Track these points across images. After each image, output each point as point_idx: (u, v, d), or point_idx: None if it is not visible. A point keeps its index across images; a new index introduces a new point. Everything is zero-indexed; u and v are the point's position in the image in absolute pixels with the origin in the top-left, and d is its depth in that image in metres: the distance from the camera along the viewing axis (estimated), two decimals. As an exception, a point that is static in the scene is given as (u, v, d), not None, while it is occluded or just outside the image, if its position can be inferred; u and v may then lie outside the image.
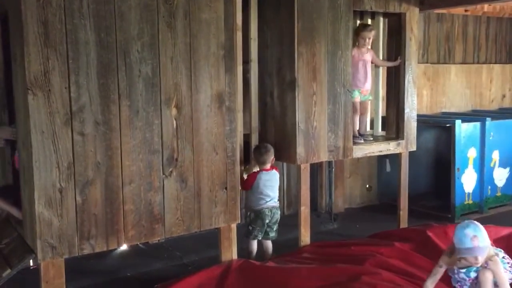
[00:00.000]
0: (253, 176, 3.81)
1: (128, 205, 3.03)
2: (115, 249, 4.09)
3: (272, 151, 3.84)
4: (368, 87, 4.39)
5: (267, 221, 3.81)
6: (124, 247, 4.21)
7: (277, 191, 3.91)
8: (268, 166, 3.84)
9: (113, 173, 2.96)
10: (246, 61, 3.91)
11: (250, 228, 3.84)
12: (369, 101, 4.55)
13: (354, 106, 4.21)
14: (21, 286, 3.45)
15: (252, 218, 3.83)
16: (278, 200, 3.93)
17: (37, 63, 2.68)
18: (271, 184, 3.83)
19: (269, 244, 3.95)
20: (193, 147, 3.25)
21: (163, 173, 3.14)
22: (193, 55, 3.18)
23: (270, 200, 3.82)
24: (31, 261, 3.29)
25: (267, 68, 4.03)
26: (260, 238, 3.89)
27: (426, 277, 2.86)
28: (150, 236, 3.17)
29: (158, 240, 4.38)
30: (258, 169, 3.85)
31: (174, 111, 3.15)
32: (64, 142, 2.80)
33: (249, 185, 3.79)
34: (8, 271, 2.85)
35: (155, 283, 3.28)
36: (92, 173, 2.89)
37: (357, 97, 4.30)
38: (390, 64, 4.53)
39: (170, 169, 3.17)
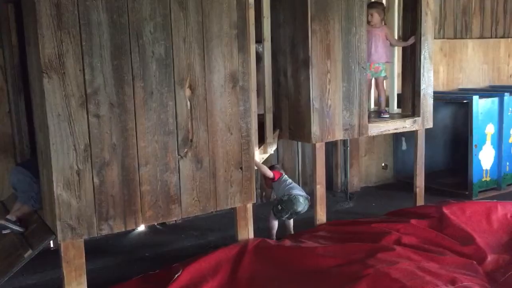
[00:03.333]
0: (279, 173, 4.00)
1: (145, 186, 3.06)
2: (133, 229, 4.15)
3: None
4: (376, 61, 4.32)
5: (299, 209, 3.83)
6: (141, 227, 4.27)
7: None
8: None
9: (129, 155, 2.98)
10: (259, 40, 3.88)
11: (280, 207, 3.86)
12: (382, 77, 4.48)
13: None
14: (42, 266, 3.52)
15: (285, 200, 3.83)
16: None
17: (51, 46, 2.69)
18: (290, 180, 4.00)
19: (291, 222, 4.02)
20: (208, 128, 3.25)
21: (179, 154, 3.16)
22: (205, 35, 3.16)
23: (299, 190, 3.92)
24: (51, 242, 3.35)
25: (280, 47, 3.99)
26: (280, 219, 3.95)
27: None
28: (167, 216, 3.20)
29: (175, 220, 4.44)
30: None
31: (188, 91, 3.14)
32: (80, 124, 2.82)
33: (277, 176, 3.94)
34: (30, 251, 2.91)
35: (172, 263, 3.32)
36: (108, 154, 2.92)
37: (367, 74, 4.25)
38: (404, 44, 4.47)
39: (185, 150, 3.18)
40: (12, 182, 3.41)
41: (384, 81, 4.56)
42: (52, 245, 3.61)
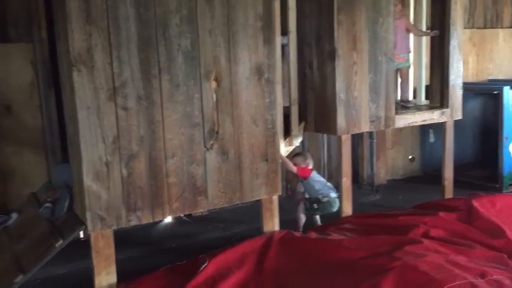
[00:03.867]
0: (309, 170, 3.97)
1: (172, 177, 3.09)
2: (160, 221, 4.21)
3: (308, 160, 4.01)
4: (402, 54, 4.27)
5: (334, 210, 3.92)
6: (168, 219, 4.32)
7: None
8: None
9: (156, 147, 3.02)
10: (284, 32, 3.86)
11: (316, 207, 3.92)
12: (407, 68, 4.43)
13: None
14: (73, 256, 3.60)
15: (324, 202, 3.90)
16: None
17: (80, 40, 2.74)
18: (322, 179, 4.03)
19: (318, 217, 4.05)
20: (233, 120, 3.27)
21: (205, 146, 3.18)
22: (231, 27, 3.16)
23: (332, 192, 3.94)
24: (81, 232, 3.42)
25: (306, 39, 3.97)
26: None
27: None
28: (194, 208, 3.24)
29: (201, 212, 4.47)
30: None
31: (213, 84, 3.16)
32: (109, 117, 2.86)
33: (308, 173, 3.92)
34: (60, 241, 2.98)
35: (199, 254, 3.35)
36: (136, 146, 2.96)
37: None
38: (425, 33, 4.41)
39: (211, 142, 3.20)
40: (59, 178, 3.48)
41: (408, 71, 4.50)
42: (82, 236, 3.69)
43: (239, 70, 3.24)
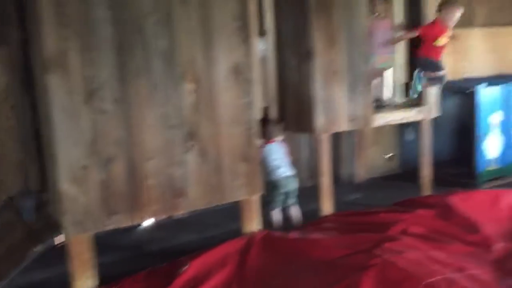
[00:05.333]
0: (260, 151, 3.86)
1: (151, 180, 3.06)
2: (140, 224, 4.17)
3: (277, 124, 3.91)
4: (385, 54, 4.32)
5: (284, 190, 3.88)
6: (148, 222, 4.28)
7: (287, 161, 3.94)
8: (273, 138, 3.91)
9: (134, 149, 2.99)
10: (261, 32, 3.87)
11: (269, 199, 3.90)
12: (384, 69, 4.48)
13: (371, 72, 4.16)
14: (52, 261, 3.54)
15: (269, 189, 3.88)
16: (292, 169, 3.97)
17: (54, 43, 2.69)
18: (276, 155, 3.90)
19: (294, 211, 4.00)
20: (212, 121, 3.25)
21: (184, 148, 3.16)
22: (208, 28, 3.15)
23: (284, 170, 3.88)
24: (58, 237, 3.37)
25: (283, 39, 3.99)
26: (280, 207, 3.95)
27: None
28: (174, 210, 3.21)
29: (182, 214, 4.44)
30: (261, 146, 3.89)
31: (191, 85, 3.14)
32: (85, 120, 2.82)
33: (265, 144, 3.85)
34: (39, 246, 2.93)
35: (179, 257, 3.33)
36: (114, 149, 2.92)
37: (374, 63, 4.25)
38: (408, 35, 4.46)
39: (190, 143, 3.18)
40: None
41: (387, 70, 4.54)
42: (60, 240, 3.63)
43: (216, 70, 3.23)
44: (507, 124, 5.21)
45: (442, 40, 3.56)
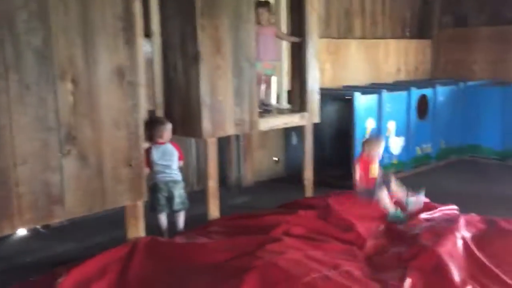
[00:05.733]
0: (145, 153, 3.74)
1: (23, 186, 2.84)
2: (12, 234, 3.85)
3: (165, 126, 3.83)
4: (269, 61, 4.46)
5: (164, 194, 3.82)
6: (22, 232, 3.97)
7: (174, 165, 3.88)
8: (159, 140, 3.82)
9: (3, 153, 2.75)
10: (147, 34, 3.79)
11: (151, 202, 3.83)
12: (270, 76, 4.61)
13: (257, 77, 4.27)
14: None
15: (150, 193, 3.81)
16: (179, 173, 3.92)
17: None
18: (163, 158, 3.83)
19: (179, 218, 3.95)
20: (93, 124, 3.11)
21: (61, 152, 2.98)
22: (88, 26, 3.01)
23: (164, 174, 3.83)
24: None
25: (169, 41, 3.93)
26: (165, 212, 3.89)
27: None
28: (49, 218, 3.02)
29: (60, 222, 4.19)
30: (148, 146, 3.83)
31: (69, 85, 2.97)
32: None
33: (145, 162, 3.60)
34: None
35: (56, 268, 3.13)
36: (-22, 153, 2.67)
37: (259, 70, 4.37)
38: (293, 39, 4.63)
39: (69, 148, 3.01)
40: None
41: (272, 77, 4.68)
42: None
43: (98, 71, 3.10)
44: (379, 130, 5.65)
45: (374, 171, 3.96)
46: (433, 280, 2.79)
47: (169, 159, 3.84)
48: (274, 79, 4.71)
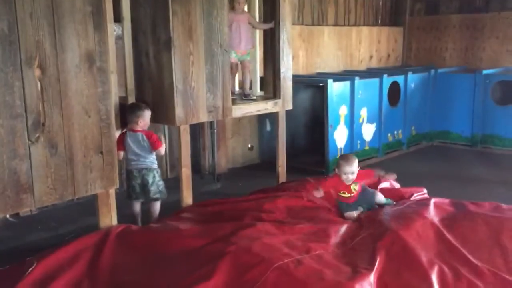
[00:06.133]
0: (120, 137, 3.74)
1: (-11, 175, 2.79)
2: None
3: (140, 112, 3.77)
4: (244, 48, 4.45)
5: (138, 182, 3.80)
6: (-9, 221, 3.90)
7: (148, 153, 3.83)
8: (135, 127, 3.78)
9: (-32, 141, 2.69)
10: (118, 19, 3.72)
11: (127, 190, 3.84)
12: (248, 61, 4.60)
13: (231, 67, 4.24)
14: None
15: (126, 180, 3.84)
16: (154, 161, 3.89)
17: None
18: (137, 145, 3.79)
19: (154, 206, 3.93)
20: (62, 110, 3.05)
21: (29, 139, 2.92)
22: (55, 11, 2.94)
23: (137, 161, 3.80)
24: None
25: (141, 27, 3.87)
26: (140, 199, 3.88)
27: None
28: (18, 207, 2.96)
29: (30, 211, 4.13)
30: (125, 130, 3.80)
31: (37, 71, 2.91)
32: None
33: (118, 146, 3.55)
34: None
35: (27, 257, 3.09)
36: None
37: (233, 58, 4.36)
38: (265, 26, 4.61)
39: (37, 135, 2.95)
40: None
41: (249, 63, 4.66)
42: None
43: (67, 57, 3.03)
44: (351, 117, 5.72)
45: (345, 194, 3.80)
46: (400, 262, 2.86)
47: (141, 147, 3.81)
48: (250, 66, 4.67)
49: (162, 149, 3.87)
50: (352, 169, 3.71)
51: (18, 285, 2.74)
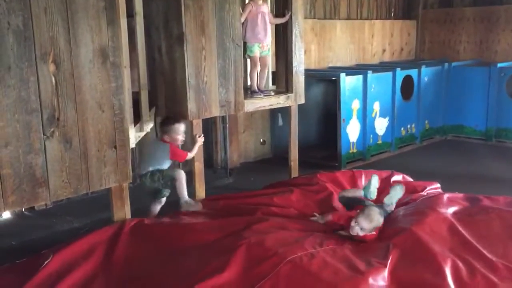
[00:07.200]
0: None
1: (6, 169, 2.82)
2: (-2, 217, 3.84)
3: (171, 127, 3.80)
4: (268, 41, 4.42)
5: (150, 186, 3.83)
6: (6, 214, 3.95)
7: (163, 164, 3.87)
8: (166, 138, 3.84)
9: (-16, 136, 2.72)
10: (131, 14, 3.74)
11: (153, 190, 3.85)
12: (269, 56, 4.56)
13: (253, 61, 4.23)
14: None
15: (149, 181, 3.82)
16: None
17: None
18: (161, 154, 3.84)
19: (154, 205, 3.93)
20: (76, 105, 3.08)
21: (44, 134, 2.95)
22: (69, 6, 2.96)
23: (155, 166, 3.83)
24: None
25: (153, 22, 3.89)
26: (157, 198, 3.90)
27: None
28: (34, 200, 3.00)
29: (46, 205, 4.18)
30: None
31: (52, 66, 2.93)
32: None
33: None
34: None
35: (43, 250, 3.13)
36: (-41, 136, 2.64)
37: (257, 52, 4.33)
38: (281, 20, 4.57)
39: (52, 129, 2.98)
40: None
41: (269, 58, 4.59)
42: None
43: (81, 52, 3.06)
44: (364, 111, 5.69)
45: None
46: (414, 256, 2.84)
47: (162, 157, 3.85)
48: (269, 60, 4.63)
49: (190, 155, 3.94)
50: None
51: (34, 278, 2.78)
